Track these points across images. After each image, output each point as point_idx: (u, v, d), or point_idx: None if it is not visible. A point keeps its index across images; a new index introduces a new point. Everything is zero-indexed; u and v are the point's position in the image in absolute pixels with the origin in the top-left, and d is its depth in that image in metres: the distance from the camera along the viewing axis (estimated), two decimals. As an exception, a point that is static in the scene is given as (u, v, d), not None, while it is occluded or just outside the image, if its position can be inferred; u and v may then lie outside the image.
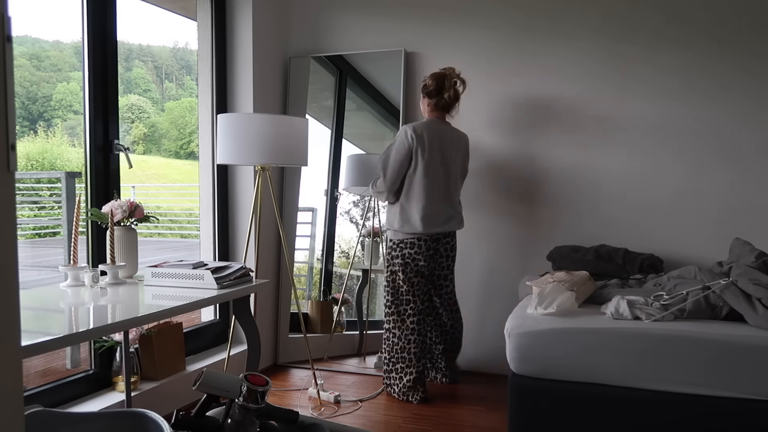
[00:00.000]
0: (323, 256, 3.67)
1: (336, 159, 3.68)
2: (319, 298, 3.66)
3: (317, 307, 3.65)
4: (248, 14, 3.36)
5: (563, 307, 2.25)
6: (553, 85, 3.27)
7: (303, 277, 3.75)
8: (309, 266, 3.72)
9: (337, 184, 3.66)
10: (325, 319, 3.62)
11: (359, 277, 3.63)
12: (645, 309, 2.20)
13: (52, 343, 1.47)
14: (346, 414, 2.83)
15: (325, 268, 3.68)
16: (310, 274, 3.73)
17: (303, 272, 3.74)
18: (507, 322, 2.27)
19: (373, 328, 3.56)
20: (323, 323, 3.61)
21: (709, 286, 2.23)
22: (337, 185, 3.66)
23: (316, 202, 3.70)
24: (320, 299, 3.66)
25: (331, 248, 3.68)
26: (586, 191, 3.25)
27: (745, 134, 3.03)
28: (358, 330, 3.62)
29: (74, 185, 3.15)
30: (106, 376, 2.65)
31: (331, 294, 3.65)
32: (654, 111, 3.14)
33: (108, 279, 2.22)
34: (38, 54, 16.95)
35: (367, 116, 3.71)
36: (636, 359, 2.07)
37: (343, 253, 3.68)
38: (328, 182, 3.69)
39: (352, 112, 3.70)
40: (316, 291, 3.69)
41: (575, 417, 2.14)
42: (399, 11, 3.51)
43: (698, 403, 2.03)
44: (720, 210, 3.07)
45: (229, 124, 2.77)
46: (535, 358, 2.16)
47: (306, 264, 3.73)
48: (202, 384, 1.40)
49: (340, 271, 3.68)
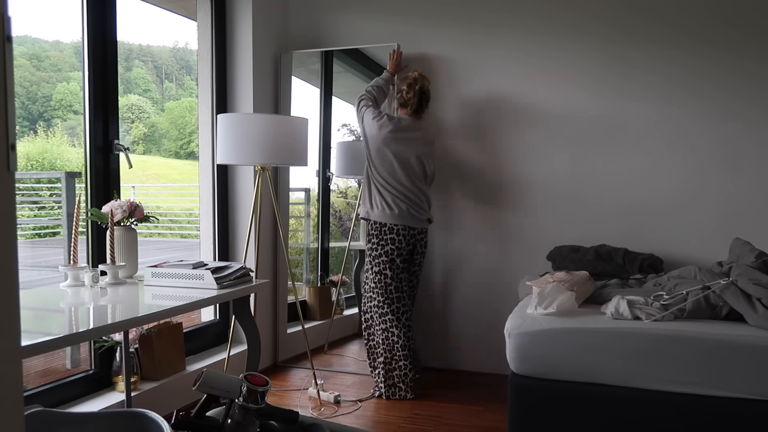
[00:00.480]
0: (319, 233, 3.65)
1: (326, 137, 3.69)
2: (317, 284, 3.66)
3: (315, 293, 3.67)
4: (248, 14, 3.36)
5: (563, 307, 2.25)
6: (553, 86, 3.27)
7: (299, 260, 3.75)
8: (305, 247, 3.71)
9: (329, 164, 3.66)
10: (324, 305, 3.65)
11: (355, 254, 3.63)
12: (645, 309, 2.20)
13: (52, 343, 1.47)
14: (346, 414, 2.83)
15: (321, 248, 3.67)
16: (307, 256, 3.72)
17: (299, 254, 3.74)
18: (507, 322, 2.27)
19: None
20: (322, 309, 3.64)
21: (709, 286, 2.23)
22: (329, 165, 3.66)
23: (309, 182, 3.72)
24: (318, 284, 3.66)
25: (326, 227, 3.67)
26: (586, 191, 3.25)
27: (745, 134, 3.03)
28: (357, 308, 3.63)
29: (74, 185, 3.15)
30: (106, 376, 2.65)
31: (328, 277, 3.65)
32: (654, 111, 3.14)
33: (108, 279, 2.22)
34: (38, 54, 16.94)
35: (354, 79, 3.73)
36: (636, 359, 2.07)
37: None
38: (319, 162, 3.69)
39: (340, 74, 3.72)
40: (313, 276, 3.69)
41: (575, 417, 2.14)
42: (398, 11, 3.50)
43: (698, 403, 2.03)
44: (720, 210, 3.07)
45: (229, 124, 2.77)
46: (535, 358, 2.16)
47: (302, 245, 3.72)
48: (202, 384, 1.40)
49: (337, 246, 3.68)
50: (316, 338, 3.56)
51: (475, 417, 2.79)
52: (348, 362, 3.53)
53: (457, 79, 3.40)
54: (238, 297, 2.26)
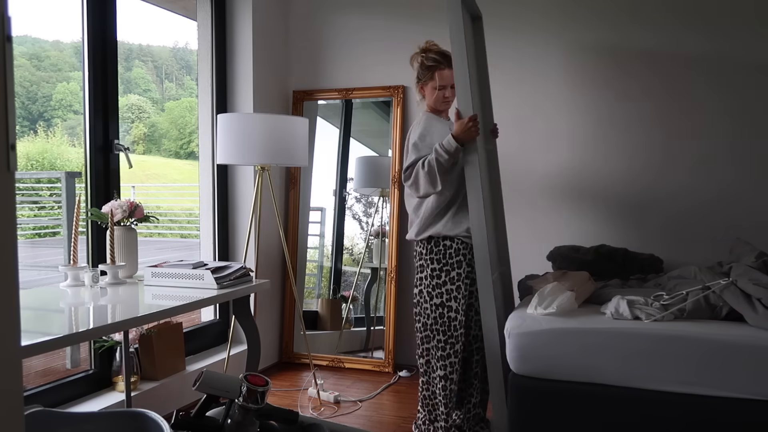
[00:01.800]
0: (333, 255, 3.71)
1: (344, 158, 3.71)
2: (329, 297, 3.70)
3: (327, 305, 3.71)
4: (248, 14, 3.36)
5: (563, 307, 2.24)
6: (551, 86, 3.27)
7: (313, 277, 3.81)
8: (319, 265, 3.76)
9: (345, 184, 3.68)
10: (334, 317, 3.70)
11: (366, 275, 3.66)
12: (645, 309, 2.19)
13: (52, 343, 1.47)
14: (346, 414, 2.83)
15: (334, 267, 3.71)
16: (320, 273, 3.77)
17: (313, 271, 3.80)
18: (507, 322, 2.27)
19: (380, 324, 3.58)
20: (332, 320, 3.69)
21: (709, 286, 2.23)
22: (345, 185, 3.69)
23: (325, 202, 3.74)
24: (330, 297, 3.70)
25: (340, 247, 3.72)
26: (586, 191, 3.25)
27: (744, 134, 3.03)
28: (365, 326, 3.66)
29: (74, 185, 3.15)
30: (106, 376, 2.65)
31: (340, 292, 3.69)
32: (653, 111, 3.14)
33: (108, 279, 2.23)
34: (38, 54, 16.94)
35: (371, 113, 3.74)
36: (636, 359, 2.07)
37: (347, 250, 3.72)
38: (337, 182, 3.71)
39: (357, 110, 3.74)
40: (325, 289, 3.74)
41: (575, 417, 2.14)
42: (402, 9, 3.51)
43: (698, 403, 2.03)
44: (720, 210, 3.07)
45: (229, 124, 2.77)
46: (535, 358, 2.16)
47: (316, 263, 3.78)
48: (202, 384, 1.40)
49: (349, 269, 3.72)
50: (325, 346, 3.63)
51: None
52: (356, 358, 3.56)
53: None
54: (237, 297, 2.26)
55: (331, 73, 3.68)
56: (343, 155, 3.72)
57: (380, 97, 3.61)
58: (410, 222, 2.55)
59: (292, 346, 3.64)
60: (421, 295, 2.49)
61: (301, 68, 3.73)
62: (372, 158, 3.73)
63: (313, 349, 3.49)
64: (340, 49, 3.65)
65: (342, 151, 3.72)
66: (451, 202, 2.45)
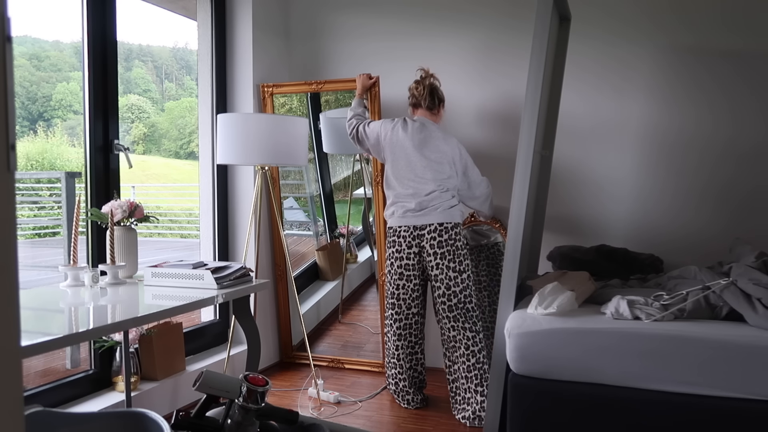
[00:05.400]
0: (319, 181, 3.65)
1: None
2: (326, 240, 3.65)
3: (325, 255, 3.64)
4: (248, 14, 3.36)
5: (563, 307, 2.24)
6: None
7: (307, 223, 3.74)
8: (308, 196, 3.69)
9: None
10: (334, 264, 3.63)
11: (359, 202, 3.62)
12: (645, 309, 2.19)
13: (52, 343, 1.48)
14: (346, 414, 2.83)
15: (326, 208, 3.67)
16: (312, 206, 3.71)
17: (305, 205, 3.72)
18: (507, 322, 2.27)
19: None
20: (333, 269, 3.62)
21: (709, 286, 2.23)
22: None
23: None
24: (327, 240, 3.65)
25: (325, 172, 3.66)
26: (586, 191, 3.26)
27: (744, 134, 3.03)
28: (369, 249, 3.59)
29: (74, 185, 3.15)
30: (106, 376, 2.65)
31: (337, 229, 3.64)
32: (654, 111, 3.14)
33: (108, 279, 2.23)
34: (38, 54, 16.94)
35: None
36: (636, 359, 2.07)
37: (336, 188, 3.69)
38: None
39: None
40: (321, 234, 3.67)
41: (575, 417, 2.14)
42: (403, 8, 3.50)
43: (698, 403, 2.03)
44: (720, 210, 3.07)
45: (229, 124, 2.77)
46: (535, 358, 2.16)
47: (306, 195, 3.71)
48: (202, 384, 1.40)
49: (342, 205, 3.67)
50: (331, 301, 3.58)
51: (475, 417, 2.78)
52: (368, 296, 3.54)
53: (459, 80, 3.40)
54: (237, 297, 2.26)
55: (331, 73, 3.68)
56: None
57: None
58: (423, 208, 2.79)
59: (291, 346, 3.64)
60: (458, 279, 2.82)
61: (301, 68, 3.73)
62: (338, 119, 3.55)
63: (314, 350, 3.48)
64: (341, 48, 3.65)
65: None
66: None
